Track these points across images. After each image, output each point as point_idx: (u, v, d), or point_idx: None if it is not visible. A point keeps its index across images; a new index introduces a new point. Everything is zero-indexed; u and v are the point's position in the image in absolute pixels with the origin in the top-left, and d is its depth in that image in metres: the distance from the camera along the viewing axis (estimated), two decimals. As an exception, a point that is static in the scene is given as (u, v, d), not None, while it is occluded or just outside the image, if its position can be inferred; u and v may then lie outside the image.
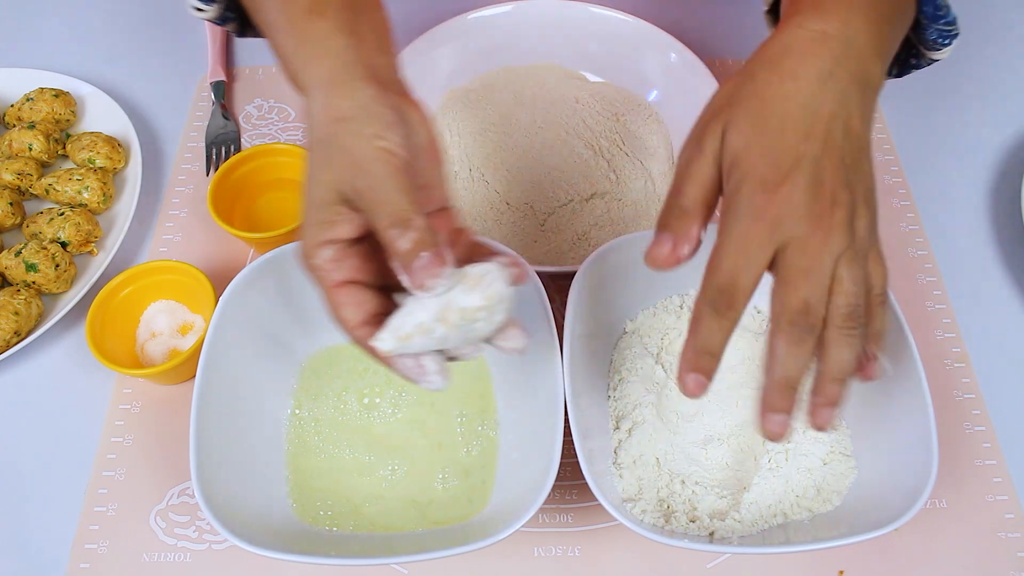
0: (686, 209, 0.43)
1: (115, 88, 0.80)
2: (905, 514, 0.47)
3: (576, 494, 0.59)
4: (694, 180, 0.43)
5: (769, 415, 0.42)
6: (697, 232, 0.43)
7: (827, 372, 0.42)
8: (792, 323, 0.40)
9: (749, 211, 0.41)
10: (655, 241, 0.43)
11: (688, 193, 0.43)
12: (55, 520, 0.58)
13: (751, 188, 0.41)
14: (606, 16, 0.77)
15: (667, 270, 0.43)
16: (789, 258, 0.40)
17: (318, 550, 0.51)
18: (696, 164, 0.43)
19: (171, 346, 0.63)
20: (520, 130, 0.72)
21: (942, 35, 0.51)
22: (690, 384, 0.42)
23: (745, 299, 0.41)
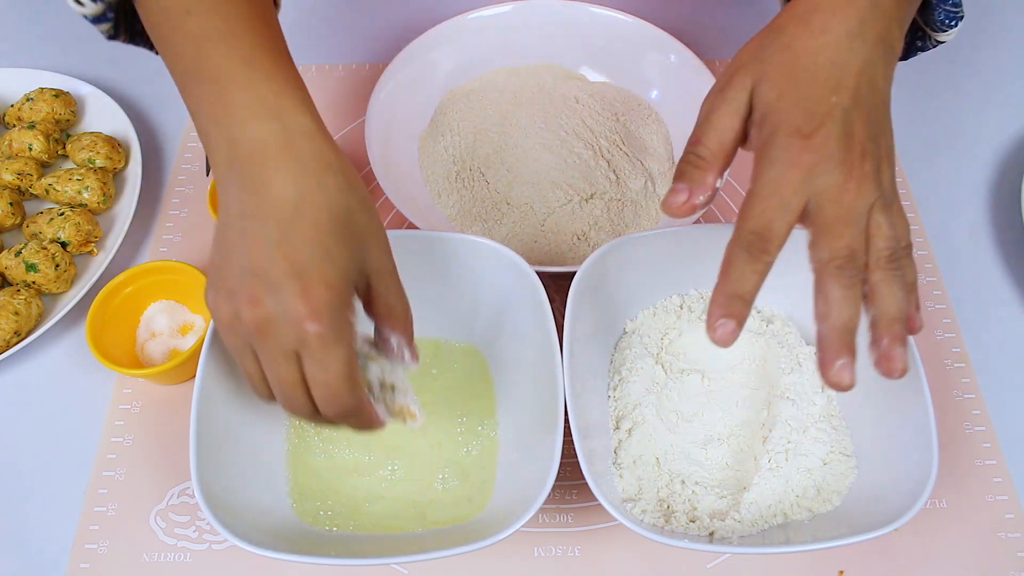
0: (704, 158, 0.44)
1: (115, 88, 0.80)
2: (905, 514, 0.47)
3: (576, 494, 0.59)
4: (715, 130, 0.44)
5: (834, 363, 0.41)
6: (713, 181, 0.44)
7: (886, 313, 0.42)
8: (841, 268, 0.41)
9: (784, 157, 0.41)
10: (671, 189, 0.44)
11: (708, 143, 0.44)
12: (55, 520, 0.58)
13: (786, 135, 0.42)
14: (606, 16, 0.77)
15: (682, 217, 0.44)
16: (826, 207, 0.41)
17: (318, 550, 0.51)
18: (719, 115, 0.44)
19: (171, 346, 0.63)
20: (520, 130, 0.72)
21: (949, 16, 0.52)
22: (720, 330, 0.41)
23: (779, 244, 0.42)
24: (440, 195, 0.71)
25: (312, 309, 0.41)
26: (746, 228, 0.42)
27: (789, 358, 0.59)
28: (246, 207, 0.43)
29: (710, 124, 0.45)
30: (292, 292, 0.41)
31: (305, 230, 0.42)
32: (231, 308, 0.43)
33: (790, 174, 0.41)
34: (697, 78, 0.74)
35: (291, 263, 0.41)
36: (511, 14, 0.78)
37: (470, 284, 0.59)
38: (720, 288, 0.42)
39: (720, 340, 0.42)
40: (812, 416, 0.56)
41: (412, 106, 0.75)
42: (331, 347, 0.42)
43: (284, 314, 0.42)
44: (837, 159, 0.41)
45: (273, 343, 0.42)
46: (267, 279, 0.42)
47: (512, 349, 0.58)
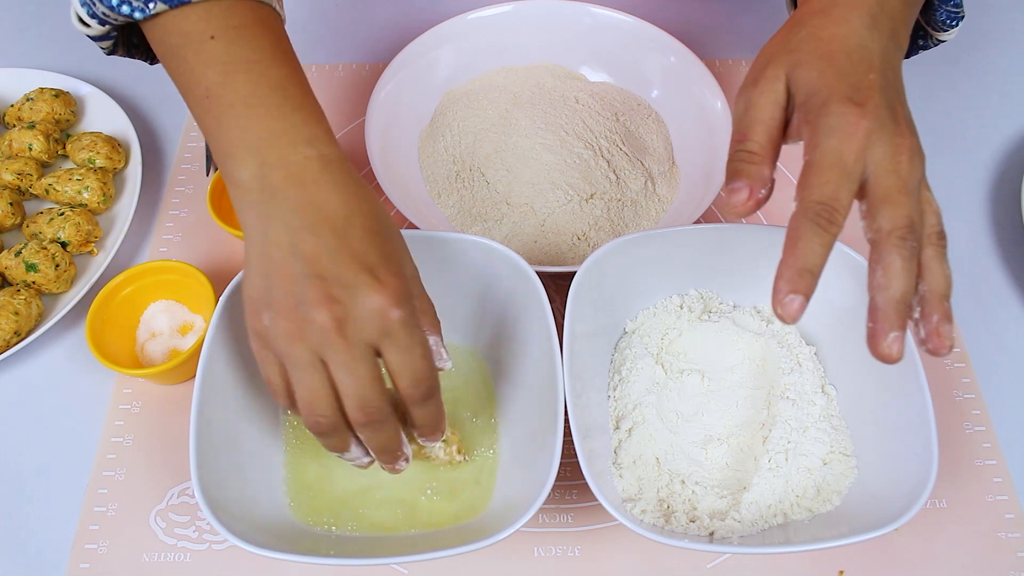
0: (756, 152, 0.44)
1: (115, 88, 0.80)
2: (905, 514, 0.47)
3: (576, 494, 0.59)
4: (759, 123, 0.44)
5: (888, 335, 0.41)
6: (769, 174, 0.44)
7: (936, 290, 0.42)
8: (903, 239, 0.41)
9: (842, 125, 0.41)
10: (730, 190, 0.43)
11: (755, 136, 0.44)
12: (55, 520, 0.58)
13: (839, 103, 0.42)
14: (606, 16, 0.77)
15: (747, 216, 0.44)
16: (883, 177, 0.42)
17: (318, 550, 0.51)
18: (759, 107, 0.44)
19: (171, 346, 0.63)
20: (520, 130, 0.72)
21: (950, 16, 0.54)
22: (789, 306, 0.40)
23: (845, 215, 0.41)
24: (440, 195, 0.71)
25: (392, 296, 0.43)
26: (812, 199, 0.41)
27: (789, 358, 0.59)
28: (293, 224, 0.43)
29: (753, 118, 0.45)
30: (368, 285, 0.43)
31: (361, 235, 0.44)
32: (297, 319, 0.43)
33: (850, 142, 0.41)
34: (697, 78, 0.74)
35: (359, 262, 0.43)
36: (511, 14, 0.78)
37: (470, 284, 0.59)
38: (788, 263, 0.41)
39: (789, 316, 0.40)
40: (812, 416, 0.56)
41: (412, 106, 0.75)
42: (414, 330, 0.44)
43: (365, 307, 0.43)
44: (889, 129, 0.42)
45: (354, 339, 0.43)
46: (338, 279, 0.43)
47: (512, 349, 0.58)
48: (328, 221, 0.44)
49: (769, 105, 0.45)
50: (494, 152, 0.72)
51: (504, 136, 0.72)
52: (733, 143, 0.45)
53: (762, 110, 0.45)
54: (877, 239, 0.42)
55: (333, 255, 0.43)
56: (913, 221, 0.42)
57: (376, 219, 0.45)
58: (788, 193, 0.72)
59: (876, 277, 0.41)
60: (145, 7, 0.46)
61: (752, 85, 0.45)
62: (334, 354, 0.43)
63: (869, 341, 0.42)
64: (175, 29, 0.47)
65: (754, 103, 0.45)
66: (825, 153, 0.41)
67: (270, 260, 0.44)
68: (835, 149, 0.41)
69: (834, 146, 0.41)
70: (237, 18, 0.46)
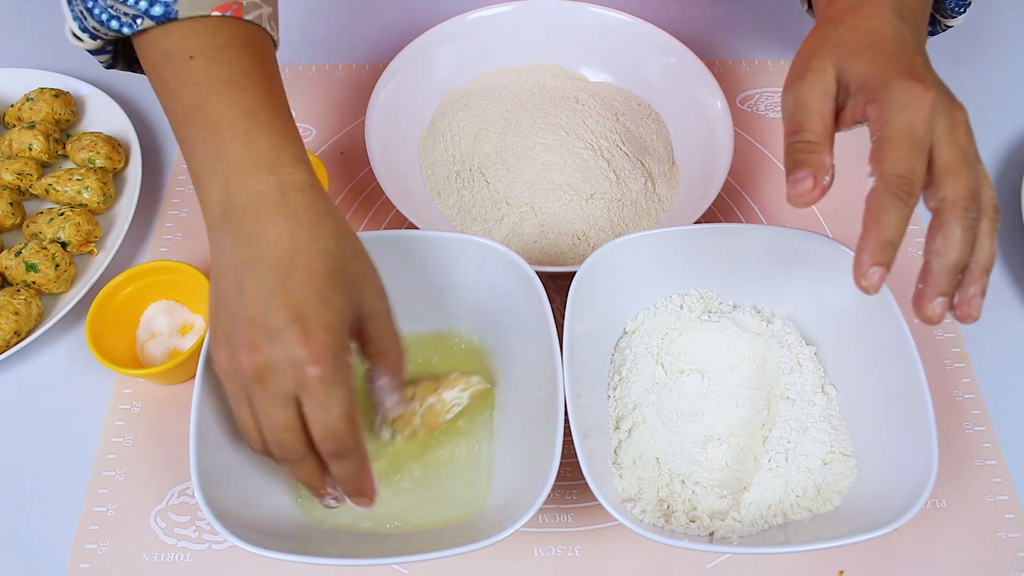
0: (815, 141, 0.45)
1: (115, 88, 0.80)
2: (905, 514, 0.47)
3: (576, 494, 0.59)
4: (814, 113, 0.45)
5: (934, 298, 0.43)
6: (830, 162, 0.45)
7: (980, 263, 0.44)
8: (966, 210, 0.43)
9: (907, 100, 0.43)
10: (793, 180, 0.44)
11: (812, 126, 0.45)
12: (55, 520, 0.58)
13: (902, 80, 0.44)
14: (606, 16, 0.77)
15: (812, 204, 0.45)
16: (946, 149, 0.43)
17: (318, 550, 0.51)
18: (810, 99, 0.46)
19: (171, 346, 0.63)
20: (520, 130, 0.72)
21: (959, 3, 0.57)
22: (872, 278, 0.42)
23: (921, 186, 0.43)
24: (440, 195, 0.71)
25: (313, 353, 0.42)
26: (892, 174, 0.42)
27: (789, 358, 0.59)
28: (241, 257, 0.44)
29: (806, 109, 0.46)
30: (292, 337, 0.42)
31: (301, 278, 0.43)
32: (229, 356, 0.44)
33: (918, 114, 0.43)
34: (697, 78, 0.74)
35: (290, 310, 0.42)
36: (511, 14, 0.78)
37: (470, 284, 0.59)
38: (870, 237, 0.42)
39: (872, 287, 0.42)
40: (812, 416, 0.56)
41: (412, 106, 0.75)
42: (332, 389, 0.43)
43: (284, 359, 0.42)
44: (947, 103, 0.44)
45: (272, 388, 0.43)
46: (266, 326, 0.43)
47: (512, 349, 0.58)
48: (272, 260, 0.43)
49: (819, 96, 0.46)
50: (494, 152, 0.72)
51: (504, 136, 0.72)
52: (788, 136, 0.46)
53: (813, 101, 0.46)
54: (940, 208, 0.43)
55: (267, 299, 0.43)
56: (975, 192, 0.43)
57: (324, 258, 0.44)
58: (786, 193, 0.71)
59: (935, 243, 0.43)
60: (133, 23, 0.46)
61: (800, 79, 0.47)
62: (254, 397, 0.44)
63: (915, 301, 0.44)
64: (160, 46, 0.47)
65: (804, 95, 0.46)
66: (897, 127, 0.43)
67: (220, 291, 0.45)
68: (906, 122, 0.43)
69: (904, 119, 0.43)
70: (219, 37, 0.46)
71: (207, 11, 0.46)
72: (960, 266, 0.43)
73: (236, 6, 0.47)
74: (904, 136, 0.43)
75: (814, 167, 0.44)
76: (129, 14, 0.46)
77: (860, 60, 0.46)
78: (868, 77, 0.45)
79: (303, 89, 0.81)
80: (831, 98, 0.46)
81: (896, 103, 0.43)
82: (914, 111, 0.43)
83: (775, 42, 0.85)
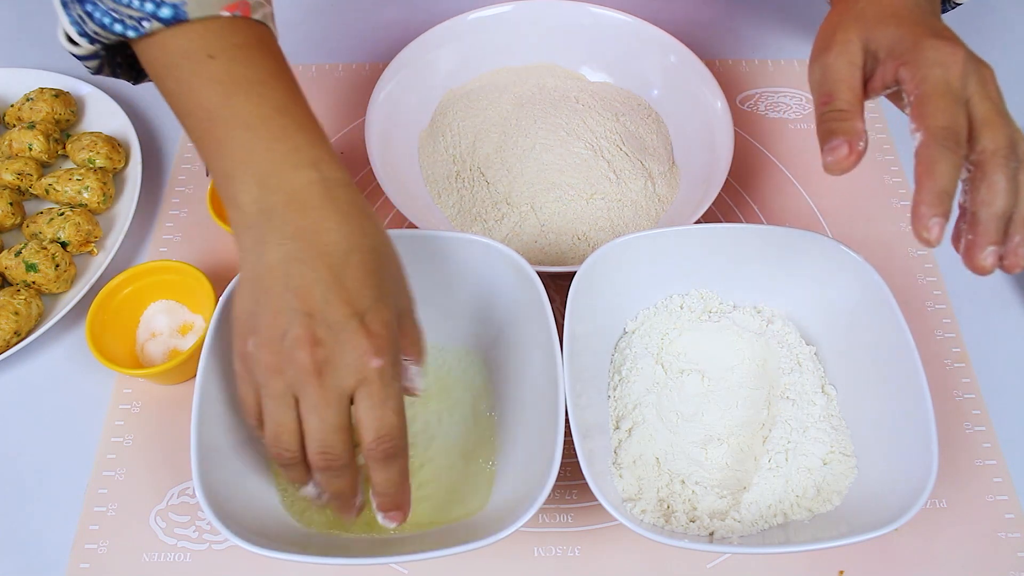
0: (846, 109, 0.46)
1: (115, 88, 0.80)
2: (905, 514, 0.47)
3: (576, 494, 0.59)
4: (842, 82, 0.47)
5: (986, 248, 0.44)
6: (862, 128, 0.46)
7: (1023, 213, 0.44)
8: (1007, 158, 0.44)
9: (942, 57, 0.45)
10: (829, 149, 0.45)
11: (842, 95, 0.47)
12: (55, 520, 0.58)
13: (932, 39, 0.46)
14: (606, 16, 0.77)
15: (848, 171, 0.45)
16: (981, 103, 0.45)
17: (318, 550, 0.51)
18: (838, 68, 0.47)
19: (171, 346, 0.63)
20: (520, 130, 0.72)
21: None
22: (934, 230, 0.42)
23: (966, 136, 0.44)
24: (440, 195, 0.71)
25: (375, 346, 0.42)
26: (938, 126, 0.43)
27: (789, 358, 0.59)
28: (288, 252, 0.43)
29: (834, 79, 0.47)
30: (355, 331, 0.42)
31: (357, 274, 0.43)
32: (279, 352, 0.43)
33: (952, 69, 0.45)
34: (697, 78, 0.74)
35: (350, 305, 0.42)
36: (511, 14, 0.78)
37: (470, 284, 0.59)
38: (926, 188, 0.42)
39: (934, 239, 0.43)
40: (812, 416, 0.56)
41: (412, 106, 0.75)
42: (391, 383, 0.43)
43: (348, 352, 0.42)
44: (975, 61, 0.46)
45: (330, 383, 0.43)
46: (326, 320, 0.42)
47: (512, 349, 0.58)
48: (325, 255, 0.43)
49: (847, 66, 0.47)
50: (494, 152, 0.72)
51: (504, 136, 0.72)
52: (819, 106, 0.47)
53: (841, 71, 0.47)
54: (982, 159, 0.44)
55: (325, 293, 0.42)
56: (1015, 141, 0.44)
57: (374, 254, 0.44)
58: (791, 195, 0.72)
59: (980, 194, 0.44)
60: (139, 26, 0.45)
61: (826, 51, 0.48)
62: (307, 395, 0.43)
63: (966, 252, 0.45)
64: (172, 48, 0.46)
65: (831, 66, 0.48)
66: (936, 83, 0.45)
67: (262, 286, 0.43)
68: (942, 77, 0.45)
69: (940, 75, 0.45)
70: (236, 37, 0.46)
71: (217, 11, 0.45)
72: (1007, 214, 0.44)
73: (244, 5, 0.46)
74: (943, 90, 0.44)
75: (848, 134, 0.45)
76: (134, 17, 0.45)
77: (886, 28, 0.47)
78: (897, 42, 0.47)
79: (303, 89, 0.81)
80: (858, 67, 0.47)
81: (930, 60, 0.45)
82: (949, 67, 0.45)
83: (775, 42, 0.85)
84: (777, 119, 0.79)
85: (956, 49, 0.45)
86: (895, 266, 0.69)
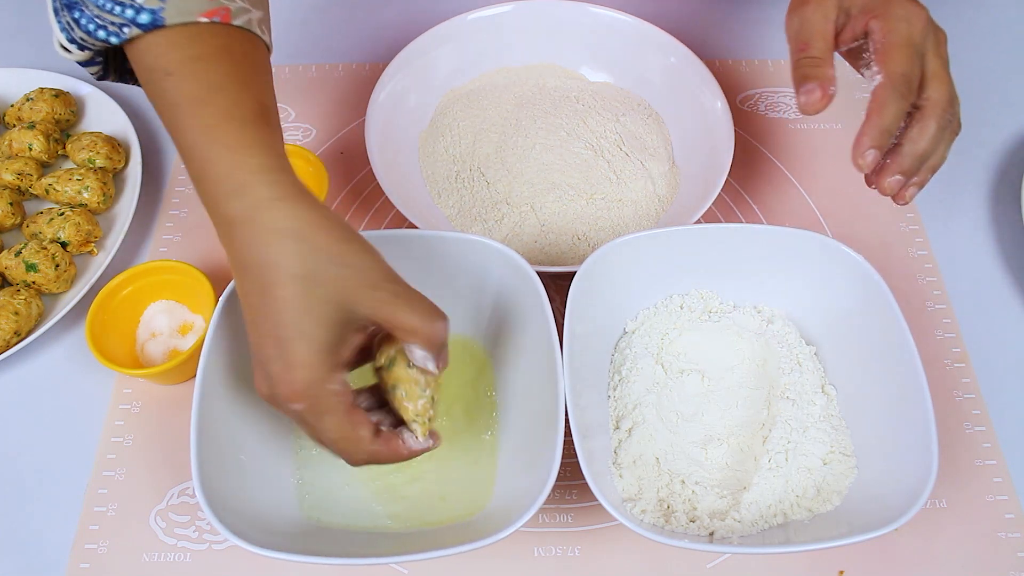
0: (818, 56, 0.53)
1: (115, 88, 0.80)
2: (905, 514, 0.47)
3: (576, 494, 0.59)
4: (815, 32, 0.53)
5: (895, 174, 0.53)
6: (833, 74, 0.52)
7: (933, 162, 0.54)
8: (944, 110, 0.52)
9: (908, 15, 0.52)
10: (802, 91, 0.52)
11: (816, 45, 0.53)
12: (55, 520, 0.58)
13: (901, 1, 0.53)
14: (606, 16, 0.77)
15: (820, 111, 0.52)
16: (934, 60, 0.52)
17: (318, 550, 0.51)
18: (813, 22, 0.54)
19: (171, 346, 0.63)
20: (520, 130, 0.72)
21: None
22: (869, 157, 0.51)
23: (917, 85, 0.52)
24: (440, 195, 0.71)
25: (293, 392, 0.43)
26: (897, 72, 0.51)
27: (789, 358, 0.59)
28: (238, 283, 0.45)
29: (810, 30, 0.53)
30: (277, 376, 0.43)
31: (276, 307, 0.42)
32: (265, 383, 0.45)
33: (916, 26, 0.52)
34: (697, 78, 0.74)
35: (274, 342, 0.43)
36: (511, 14, 0.78)
37: (470, 284, 0.59)
38: (872, 122, 0.50)
39: (866, 166, 0.51)
40: (812, 416, 0.56)
41: (412, 106, 0.75)
42: (320, 419, 0.44)
43: (277, 396, 0.44)
44: (934, 24, 0.53)
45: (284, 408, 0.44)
46: (262, 359, 0.44)
47: (512, 349, 0.58)
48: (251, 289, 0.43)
49: (821, 19, 0.54)
50: (494, 152, 0.72)
51: (504, 136, 0.72)
52: (795, 53, 0.54)
53: (816, 23, 0.53)
54: (924, 106, 0.52)
55: (257, 329, 0.43)
56: (953, 98, 0.53)
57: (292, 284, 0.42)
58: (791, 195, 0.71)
59: (912, 131, 0.52)
60: (120, 31, 0.46)
61: (804, 5, 0.54)
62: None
63: (878, 172, 0.53)
64: (143, 61, 0.46)
65: (808, 19, 0.54)
66: (901, 35, 0.52)
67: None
68: (906, 32, 0.52)
69: (905, 29, 0.52)
70: (198, 48, 0.45)
71: (195, 17, 0.45)
72: (925, 157, 0.52)
73: (225, 11, 0.46)
74: (906, 42, 0.51)
75: (820, 79, 0.51)
76: (116, 23, 0.45)
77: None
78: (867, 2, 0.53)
79: (303, 89, 0.81)
80: (831, 21, 0.54)
81: (898, 16, 0.52)
82: (913, 24, 0.52)
83: (775, 42, 0.85)
84: (777, 119, 0.79)
85: (921, 10, 0.53)
86: (895, 266, 0.69)
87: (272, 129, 0.46)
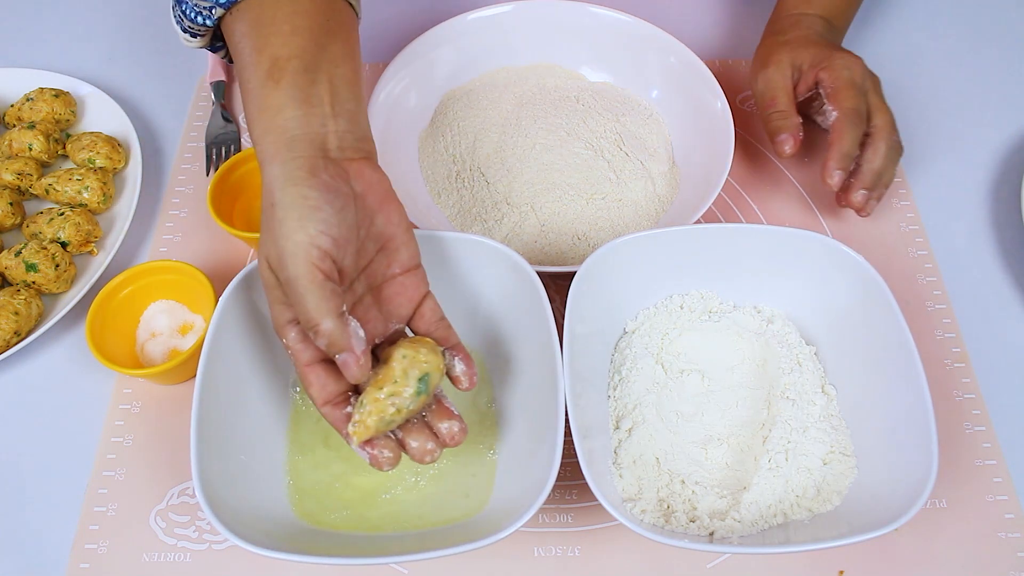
0: (785, 110, 0.67)
1: (115, 88, 0.80)
2: (905, 514, 0.47)
3: (576, 494, 0.59)
4: (780, 90, 0.68)
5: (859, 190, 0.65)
6: (799, 121, 0.67)
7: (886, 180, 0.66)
8: (888, 133, 0.65)
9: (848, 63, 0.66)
10: (778, 142, 0.67)
11: (781, 100, 0.68)
12: (55, 520, 0.58)
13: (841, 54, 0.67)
14: (606, 16, 0.77)
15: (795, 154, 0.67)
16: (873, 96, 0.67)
17: (318, 550, 0.51)
18: (776, 81, 0.68)
19: (171, 346, 0.63)
20: (520, 130, 0.72)
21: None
22: (836, 177, 0.64)
23: (865, 117, 0.66)
24: (440, 195, 0.71)
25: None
26: (849, 107, 0.64)
27: (789, 358, 0.59)
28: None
29: (773, 87, 0.68)
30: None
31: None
32: None
33: (856, 71, 0.66)
34: (697, 78, 0.74)
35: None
36: (511, 14, 0.78)
37: (470, 284, 0.59)
38: (836, 149, 0.64)
39: (835, 185, 0.64)
40: (812, 416, 0.56)
41: (412, 106, 0.75)
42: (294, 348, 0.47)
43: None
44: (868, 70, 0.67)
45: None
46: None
47: (512, 349, 0.58)
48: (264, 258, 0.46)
49: (781, 77, 0.68)
50: (494, 152, 0.72)
51: (504, 136, 0.72)
52: (764, 108, 0.68)
53: (778, 81, 0.68)
54: (872, 132, 0.65)
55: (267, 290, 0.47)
56: (893, 124, 0.66)
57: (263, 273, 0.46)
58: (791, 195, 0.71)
59: (867, 153, 0.65)
60: (210, 13, 0.49)
61: (765, 67, 0.69)
62: None
63: (844, 190, 0.66)
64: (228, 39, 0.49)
65: (771, 78, 0.68)
66: (846, 79, 0.66)
67: None
68: (849, 76, 0.66)
69: (848, 75, 0.66)
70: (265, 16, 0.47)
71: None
72: (880, 173, 0.65)
73: None
74: (851, 84, 0.65)
75: (791, 129, 0.66)
76: (206, 6, 0.49)
77: (807, 49, 0.68)
78: (816, 56, 0.67)
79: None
80: (789, 79, 0.68)
81: (841, 65, 0.66)
82: (853, 70, 0.66)
83: (775, 42, 0.85)
84: (777, 119, 0.79)
85: (857, 59, 0.67)
86: (895, 266, 0.69)
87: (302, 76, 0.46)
